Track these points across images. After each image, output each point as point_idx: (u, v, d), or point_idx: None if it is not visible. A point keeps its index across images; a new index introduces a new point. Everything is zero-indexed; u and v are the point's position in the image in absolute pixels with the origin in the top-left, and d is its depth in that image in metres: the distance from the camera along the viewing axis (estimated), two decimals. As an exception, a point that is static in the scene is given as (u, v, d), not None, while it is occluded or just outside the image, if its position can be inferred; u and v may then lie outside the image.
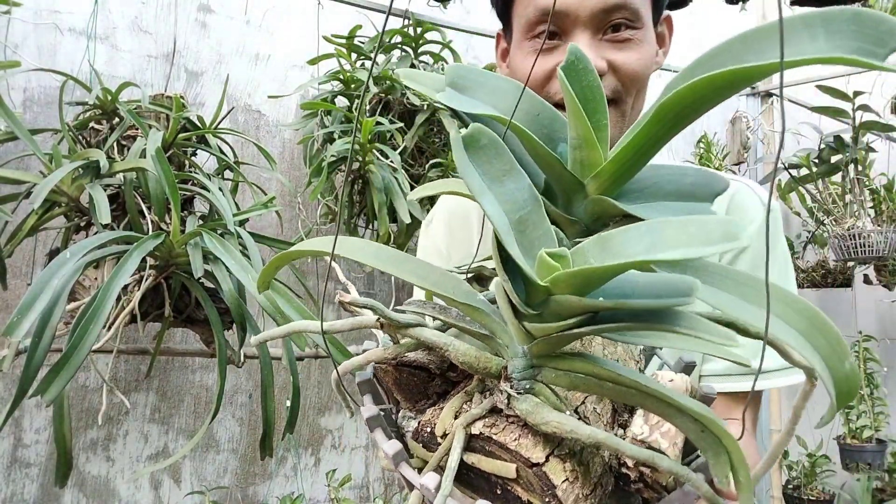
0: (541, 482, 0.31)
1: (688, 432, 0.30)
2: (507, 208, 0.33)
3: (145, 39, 1.68)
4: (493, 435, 0.33)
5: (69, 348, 0.85)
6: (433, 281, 0.34)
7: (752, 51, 0.28)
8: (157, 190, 1.14)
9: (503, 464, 0.32)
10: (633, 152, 0.32)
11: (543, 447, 0.32)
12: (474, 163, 0.33)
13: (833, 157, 2.38)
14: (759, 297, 0.29)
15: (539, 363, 0.34)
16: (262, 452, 1.14)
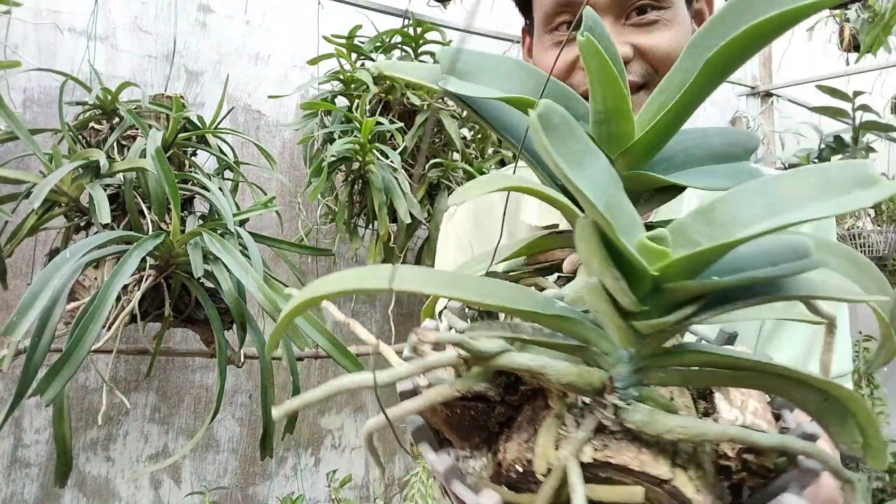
0: (673, 499, 0.28)
1: (807, 404, 0.28)
2: (594, 193, 0.29)
3: (145, 39, 1.68)
4: (610, 459, 0.28)
5: (69, 348, 0.85)
6: (508, 298, 0.29)
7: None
8: (157, 190, 1.14)
9: (627, 489, 0.28)
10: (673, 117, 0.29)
11: (664, 460, 0.28)
12: (553, 144, 0.29)
13: (833, 157, 2.38)
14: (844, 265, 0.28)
15: (644, 365, 0.30)
16: (262, 452, 1.14)
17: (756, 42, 0.26)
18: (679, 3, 0.64)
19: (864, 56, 2.44)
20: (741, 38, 0.26)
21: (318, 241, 1.82)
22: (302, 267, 1.82)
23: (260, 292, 0.99)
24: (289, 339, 1.10)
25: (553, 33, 0.66)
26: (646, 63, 0.62)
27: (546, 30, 0.67)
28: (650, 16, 0.62)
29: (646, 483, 0.28)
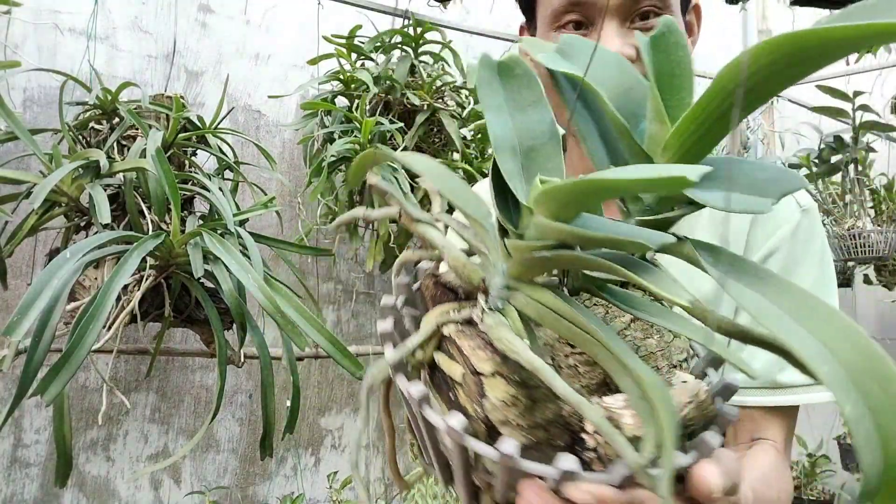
0: (476, 389, 0.33)
1: (630, 394, 0.30)
2: (521, 135, 0.34)
3: (145, 39, 1.68)
4: (457, 339, 0.35)
5: (69, 348, 0.85)
6: (463, 198, 0.35)
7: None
8: (157, 190, 1.14)
9: (455, 365, 0.34)
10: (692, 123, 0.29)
11: (494, 365, 0.33)
12: (503, 87, 0.34)
13: (833, 157, 2.38)
14: (800, 309, 0.27)
15: (514, 286, 0.34)
16: (262, 452, 1.14)
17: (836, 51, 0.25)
18: (677, 13, 0.68)
19: (864, 56, 2.44)
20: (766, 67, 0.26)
21: (318, 241, 1.82)
22: (302, 267, 1.82)
23: (260, 292, 0.99)
24: (289, 339, 1.10)
25: (560, 31, 0.68)
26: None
27: (553, 27, 0.68)
28: (652, 21, 0.65)
29: (467, 369, 0.33)
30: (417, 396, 0.34)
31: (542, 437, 0.33)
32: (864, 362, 0.24)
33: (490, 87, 0.35)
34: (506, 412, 0.32)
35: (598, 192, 0.28)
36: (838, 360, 0.25)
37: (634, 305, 0.33)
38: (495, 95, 0.35)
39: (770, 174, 0.30)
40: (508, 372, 0.33)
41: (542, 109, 0.35)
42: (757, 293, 0.28)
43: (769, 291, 0.28)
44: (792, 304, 0.27)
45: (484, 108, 0.35)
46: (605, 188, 0.27)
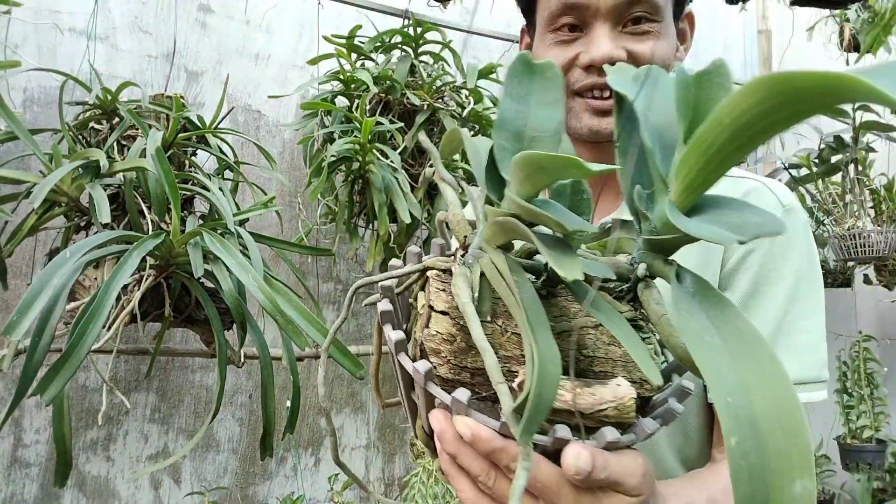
0: (426, 320, 0.39)
1: (527, 359, 0.33)
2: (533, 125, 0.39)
3: (145, 39, 1.68)
4: (432, 280, 0.40)
5: (69, 348, 0.85)
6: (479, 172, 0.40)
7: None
8: (157, 190, 1.14)
9: (422, 300, 0.41)
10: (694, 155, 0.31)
11: (446, 306, 0.39)
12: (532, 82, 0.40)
13: (833, 157, 2.38)
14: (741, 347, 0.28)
15: (485, 248, 0.39)
16: (262, 452, 1.14)
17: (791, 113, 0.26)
18: (669, 20, 0.70)
19: (864, 56, 2.44)
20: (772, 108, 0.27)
21: (318, 241, 1.82)
22: (302, 267, 1.82)
23: (260, 292, 0.99)
24: (289, 339, 1.10)
25: (556, 33, 0.70)
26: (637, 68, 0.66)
27: (549, 29, 0.71)
28: (644, 26, 0.68)
29: (427, 304, 0.40)
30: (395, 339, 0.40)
31: (466, 380, 0.38)
32: (776, 410, 0.25)
33: (520, 79, 0.40)
34: (439, 345, 0.38)
35: (534, 167, 0.32)
36: (752, 400, 0.26)
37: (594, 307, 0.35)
38: (522, 87, 0.40)
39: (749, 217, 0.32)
40: (455, 315, 0.39)
41: (558, 110, 0.39)
42: (705, 317, 0.30)
43: (720, 320, 0.30)
44: (735, 341, 0.29)
45: (505, 95, 0.39)
46: (535, 163, 0.32)
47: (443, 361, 0.38)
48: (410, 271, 0.42)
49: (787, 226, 0.67)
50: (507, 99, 0.39)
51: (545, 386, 0.30)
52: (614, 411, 0.35)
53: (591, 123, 0.69)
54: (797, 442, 0.25)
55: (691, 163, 0.31)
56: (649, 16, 0.67)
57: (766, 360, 0.28)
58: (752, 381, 0.26)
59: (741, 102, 0.27)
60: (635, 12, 0.67)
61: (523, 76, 0.40)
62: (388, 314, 0.41)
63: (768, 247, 0.67)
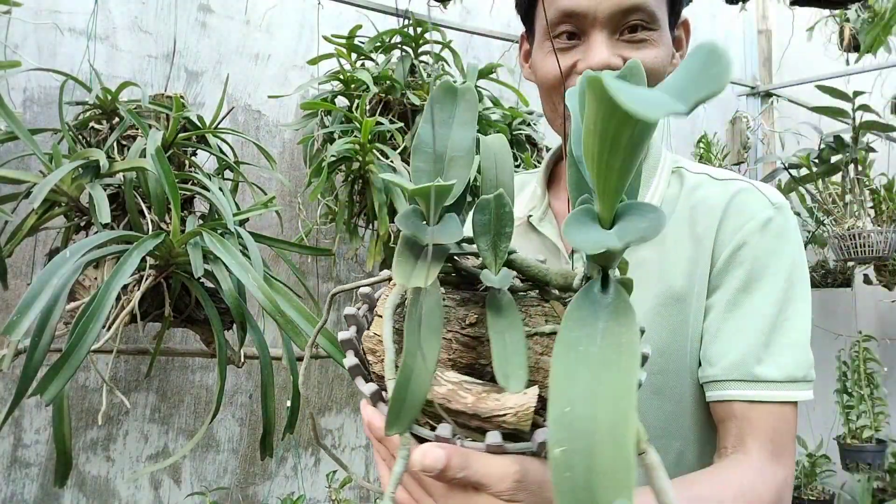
0: (369, 323, 0.43)
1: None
2: (452, 146, 0.42)
3: (145, 39, 1.68)
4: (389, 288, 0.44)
5: (69, 348, 0.85)
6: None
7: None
8: (157, 189, 1.14)
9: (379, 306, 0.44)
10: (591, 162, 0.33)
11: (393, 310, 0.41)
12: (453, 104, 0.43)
13: (833, 157, 2.38)
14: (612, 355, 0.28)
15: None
16: (262, 452, 1.14)
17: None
18: (665, 28, 0.71)
19: (864, 56, 2.44)
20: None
21: (318, 241, 1.82)
22: (302, 267, 1.82)
23: (260, 292, 0.99)
24: (289, 339, 1.10)
25: (554, 40, 0.72)
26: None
27: (547, 37, 0.72)
28: (640, 35, 0.69)
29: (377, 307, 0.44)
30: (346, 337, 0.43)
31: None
32: (612, 423, 0.25)
33: (441, 105, 0.43)
34: (376, 345, 0.41)
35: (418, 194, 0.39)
36: (595, 412, 0.25)
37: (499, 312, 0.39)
38: (445, 111, 0.43)
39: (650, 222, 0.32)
40: (399, 325, 0.41)
41: (472, 129, 0.43)
42: (597, 327, 0.30)
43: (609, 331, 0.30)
44: (610, 352, 0.28)
45: (424, 120, 0.43)
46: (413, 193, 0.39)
47: (377, 360, 0.41)
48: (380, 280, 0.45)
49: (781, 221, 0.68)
50: (426, 125, 0.42)
51: (411, 381, 0.33)
52: (513, 418, 0.36)
53: None
54: (623, 456, 0.24)
55: (595, 173, 0.31)
56: (645, 24, 0.69)
57: (626, 371, 0.27)
58: (602, 393, 0.26)
59: (594, 114, 0.27)
60: (632, 21, 0.68)
61: (445, 101, 0.43)
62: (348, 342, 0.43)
63: (759, 241, 0.67)
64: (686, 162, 0.78)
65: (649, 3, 0.68)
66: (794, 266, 0.67)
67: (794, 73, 2.87)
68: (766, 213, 0.68)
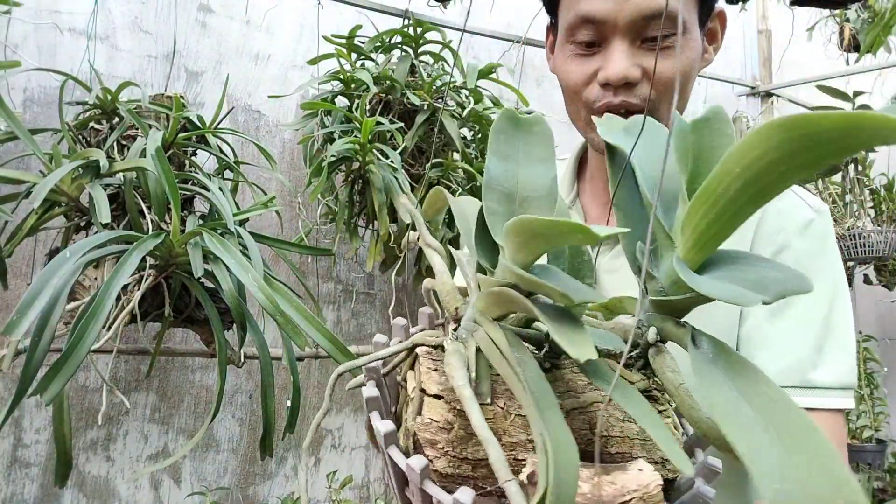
0: (417, 406, 0.35)
1: (536, 444, 0.29)
2: (523, 184, 0.36)
3: (145, 39, 1.67)
4: (423, 358, 0.36)
5: (69, 348, 0.85)
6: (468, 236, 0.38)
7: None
8: (157, 189, 1.14)
9: (413, 382, 0.37)
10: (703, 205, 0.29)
11: (440, 388, 0.34)
12: (519, 139, 0.37)
13: (833, 157, 2.38)
14: (778, 416, 0.25)
15: (480, 320, 0.36)
16: (262, 452, 1.14)
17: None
18: (692, 29, 0.66)
19: (864, 56, 2.44)
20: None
21: (318, 241, 1.82)
22: (302, 267, 1.82)
23: (260, 292, 0.99)
24: (289, 339, 1.10)
25: (573, 45, 0.69)
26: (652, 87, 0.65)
27: (568, 39, 0.69)
28: (664, 43, 0.65)
29: (419, 387, 0.36)
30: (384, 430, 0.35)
31: (468, 473, 0.33)
32: (833, 496, 0.21)
33: (506, 136, 0.37)
34: (435, 434, 0.33)
35: (530, 233, 0.29)
36: (805, 487, 0.21)
37: (599, 377, 0.32)
38: (508, 144, 0.37)
39: (777, 274, 0.29)
40: (451, 399, 0.34)
41: (549, 167, 0.37)
42: (730, 385, 0.27)
43: (748, 388, 0.27)
44: (770, 412, 0.25)
45: (491, 153, 0.37)
46: (531, 229, 0.29)
47: (440, 453, 0.33)
48: (398, 350, 0.39)
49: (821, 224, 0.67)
50: (493, 157, 0.37)
51: (564, 481, 0.26)
52: (639, 502, 0.31)
53: None
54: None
55: (699, 216, 0.29)
56: (670, 31, 0.64)
57: (812, 433, 0.24)
58: (802, 462, 0.22)
59: (752, 149, 0.25)
60: (654, 27, 0.64)
61: (509, 132, 0.38)
62: (374, 400, 0.37)
63: (801, 244, 0.66)
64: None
65: (674, 8, 0.64)
66: (836, 269, 0.66)
67: (794, 73, 2.87)
68: (806, 216, 0.67)
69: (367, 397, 0.37)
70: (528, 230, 0.29)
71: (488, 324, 0.35)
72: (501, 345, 0.33)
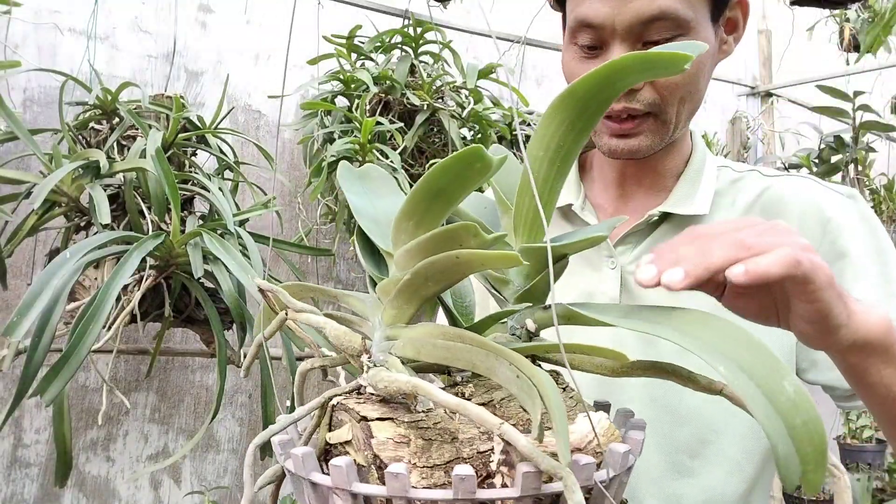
0: (364, 434, 0.33)
1: (509, 385, 0.31)
2: (379, 214, 0.43)
3: (145, 39, 1.67)
4: (345, 402, 0.36)
5: (69, 348, 0.85)
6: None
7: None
8: (157, 190, 1.14)
9: (344, 428, 0.35)
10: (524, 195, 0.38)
11: (381, 411, 0.34)
12: (363, 185, 0.46)
13: (833, 157, 2.38)
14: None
15: (393, 335, 0.37)
16: (262, 452, 1.14)
17: None
18: (699, 27, 0.63)
19: (864, 56, 2.44)
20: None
21: (318, 242, 1.82)
22: (302, 267, 1.82)
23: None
24: (289, 339, 1.10)
25: (576, 47, 0.67)
26: (654, 91, 0.63)
27: (571, 41, 0.68)
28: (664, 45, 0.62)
29: (354, 421, 0.34)
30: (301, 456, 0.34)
31: (444, 480, 0.32)
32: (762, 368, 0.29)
33: (351, 183, 0.46)
34: (397, 451, 0.33)
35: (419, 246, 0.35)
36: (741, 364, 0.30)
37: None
38: (357, 188, 0.46)
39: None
40: (396, 415, 0.34)
41: (396, 198, 0.45)
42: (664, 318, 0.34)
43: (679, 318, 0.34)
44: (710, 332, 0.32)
45: (348, 192, 0.45)
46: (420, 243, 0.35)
47: (410, 467, 0.32)
48: (311, 409, 0.37)
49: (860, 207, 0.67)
50: (351, 195, 0.44)
51: (557, 403, 0.28)
52: (603, 438, 0.35)
53: (610, 144, 0.67)
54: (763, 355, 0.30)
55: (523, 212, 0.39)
56: (672, 33, 0.62)
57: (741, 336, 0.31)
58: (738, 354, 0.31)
59: (545, 133, 0.33)
60: (654, 30, 0.62)
61: (354, 182, 0.46)
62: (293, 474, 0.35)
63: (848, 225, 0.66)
64: (729, 162, 0.75)
65: (675, 10, 0.61)
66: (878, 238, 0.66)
67: (794, 73, 2.87)
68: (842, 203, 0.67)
69: (289, 471, 0.35)
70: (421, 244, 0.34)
71: (405, 329, 0.37)
72: (429, 329, 0.35)
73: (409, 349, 0.36)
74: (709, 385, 0.36)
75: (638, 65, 0.30)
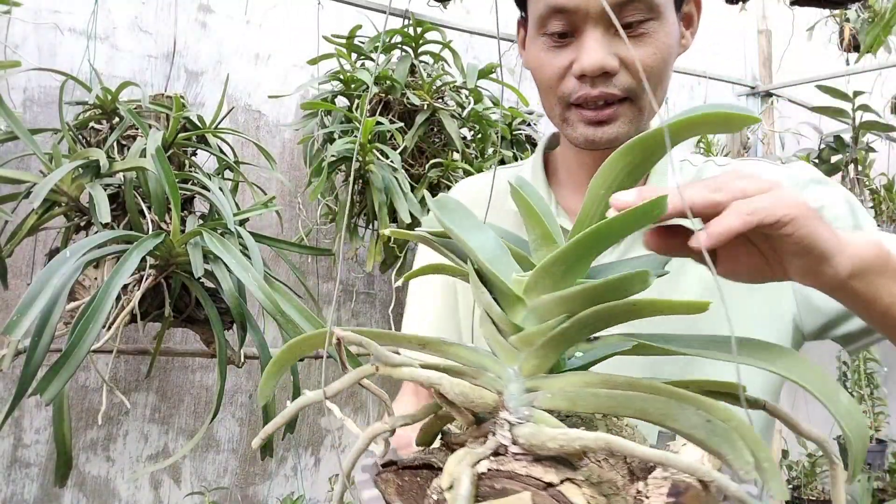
0: (557, 499, 0.29)
1: (695, 430, 0.29)
2: (489, 251, 0.39)
3: (145, 39, 1.68)
4: (501, 467, 0.31)
5: (69, 348, 0.85)
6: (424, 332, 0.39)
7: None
8: (157, 189, 1.14)
9: (517, 496, 0.29)
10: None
11: (558, 473, 0.31)
12: (448, 217, 0.40)
13: (833, 157, 2.38)
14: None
15: (533, 386, 0.34)
16: (262, 452, 1.14)
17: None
18: (667, 13, 0.65)
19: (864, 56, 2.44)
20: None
21: (318, 241, 1.82)
22: (302, 267, 1.82)
23: (260, 292, 0.99)
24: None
25: (545, 37, 0.67)
26: (630, 76, 0.64)
27: (539, 32, 0.67)
28: (638, 29, 0.63)
29: (533, 488, 0.30)
30: None
31: None
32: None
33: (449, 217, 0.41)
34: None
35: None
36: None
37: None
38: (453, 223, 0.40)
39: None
40: (571, 475, 0.31)
41: (485, 230, 0.41)
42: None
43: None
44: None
45: (459, 229, 0.40)
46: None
47: None
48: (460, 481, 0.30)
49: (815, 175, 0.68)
50: (456, 230, 0.39)
51: (750, 431, 0.28)
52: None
53: (587, 133, 0.66)
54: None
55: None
56: (645, 16, 0.63)
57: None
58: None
59: (608, 175, 0.35)
60: (628, 14, 0.62)
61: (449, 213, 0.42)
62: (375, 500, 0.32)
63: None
64: (688, 155, 0.77)
65: None
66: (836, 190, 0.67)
67: (794, 73, 2.87)
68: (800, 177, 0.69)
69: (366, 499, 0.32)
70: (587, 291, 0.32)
71: (550, 379, 0.34)
72: (588, 379, 0.32)
73: (561, 401, 0.32)
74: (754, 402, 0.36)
75: (718, 118, 0.34)
